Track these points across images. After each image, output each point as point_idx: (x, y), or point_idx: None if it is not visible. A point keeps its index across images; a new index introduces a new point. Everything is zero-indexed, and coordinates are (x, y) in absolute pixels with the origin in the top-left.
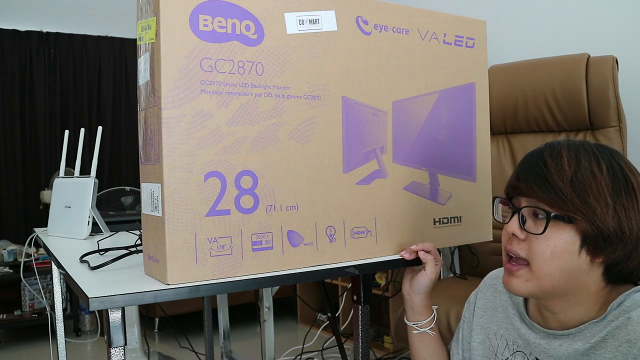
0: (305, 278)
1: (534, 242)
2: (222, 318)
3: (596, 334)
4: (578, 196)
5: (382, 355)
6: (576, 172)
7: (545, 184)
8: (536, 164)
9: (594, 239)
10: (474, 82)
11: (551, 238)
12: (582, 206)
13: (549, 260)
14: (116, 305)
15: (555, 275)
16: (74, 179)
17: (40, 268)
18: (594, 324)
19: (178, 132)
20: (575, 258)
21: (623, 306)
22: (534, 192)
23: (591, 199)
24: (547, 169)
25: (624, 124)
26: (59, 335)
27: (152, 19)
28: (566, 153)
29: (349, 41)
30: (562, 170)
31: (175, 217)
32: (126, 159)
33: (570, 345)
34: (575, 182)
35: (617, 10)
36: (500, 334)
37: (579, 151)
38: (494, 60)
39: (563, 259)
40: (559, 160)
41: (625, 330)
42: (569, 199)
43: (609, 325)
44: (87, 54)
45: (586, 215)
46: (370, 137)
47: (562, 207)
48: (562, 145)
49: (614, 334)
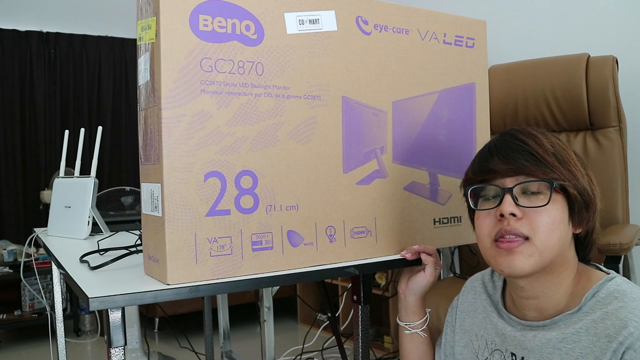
0: (305, 278)
1: (534, 216)
2: (222, 318)
3: (570, 326)
4: (562, 166)
5: (382, 355)
6: (553, 145)
7: (534, 159)
8: (516, 145)
9: (579, 205)
10: (474, 82)
11: (550, 209)
12: (568, 174)
13: (551, 232)
14: (116, 305)
15: (555, 246)
16: (74, 179)
17: (40, 268)
18: (569, 316)
19: (178, 132)
20: (566, 228)
21: (597, 297)
22: (525, 168)
23: (572, 167)
24: (529, 146)
25: (624, 124)
26: (59, 335)
27: (152, 19)
28: (535, 132)
29: (349, 41)
30: (543, 145)
31: (175, 217)
32: (126, 159)
33: (543, 336)
34: (556, 154)
35: (617, 10)
36: (481, 334)
37: (542, 131)
38: (494, 60)
39: (561, 229)
40: (535, 139)
41: (603, 324)
42: (557, 169)
43: (585, 318)
44: (87, 54)
45: (572, 182)
46: (370, 137)
47: (554, 177)
48: (522, 130)
49: (589, 328)
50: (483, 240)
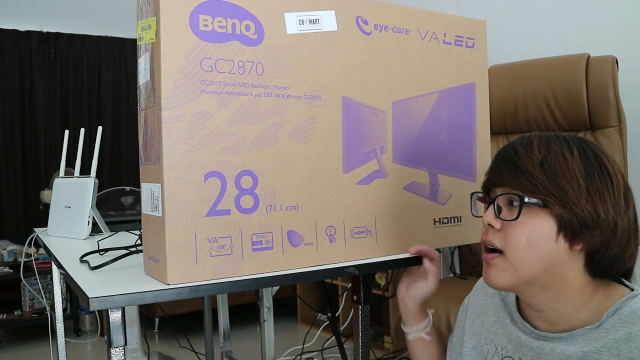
0: (305, 278)
1: (509, 229)
2: (222, 318)
3: (591, 343)
4: (549, 179)
5: (382, 355)
6: (546, 156)
7: (515, 170)
8: (508, 153)
9: (569, 223)
10: (474, 82)
11: (526, 224)
12: (553, 189)
13: (525, 248)
14: (116, 305)
15: (533, 264)
16: (74, 179)
17: (40, 268)
18: (589, 331)
19: (178, 132)
20: (552, 245)
21: (620, 314)
22: (506, 180)
23: (563, 181)
24: (517, 155)
25: (624, 124)
26: (59, 335)
27: (152, 19)
28: (537, 140)
29: (349, 41)
30: (532, 155)
31: (175, 217)
32: (126, 159)
33: (562, 351)
34: (545, 166)
35: (617, 10)
36: (490, 338)
37: (551, 138)
38: (494, 60)
39: (540, 246)
40: (529, 147)
41: (627, 346)
42: (539, 182)
43: (607, 337)
44: (87, 54)
45: (558, 198)
46: (370, 137)
47: (534, 191)
48: (534, 135)
49: (611, 348)
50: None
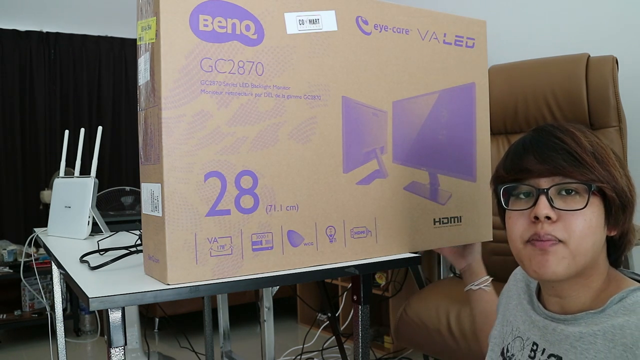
0: (305, 278)
1: (571, 219)
2: (222, 318)
3: (590, 326)
4: (601, 166)
5: (382, 355)
6: (592, 144)
7: (572, 159)
8: (552, 143)
9: (615, 208)
10: (474, 82)
11: (587, 213)
12: (606, 175)
13: (587, 236)
14: (116, 305)
15: (589, 251)
16: (74, 179)
17: (40, 268)
18: (592, 315)
19: (178, 132)
20: (602, 232)
21: (624, 303)
22: (563, 169)
23: (611, 168)
24: (567, 145)
25: (624, 124)
26: (59, 335)
27: (152, 19)
28: (573, 129)
29: (349, 41)
30: (582, 144)
31: (175, 217)
32: (126, 159)
33: (562, 331)
34: (595, 153)
35: (617, 10)
36: (510, 320)
37: (580, 128)
38: (494, 60)
39: (597, 234)
40: (573, 136)
41: (621, 332)
42: (596, 169)
43: (606, 322)
44: (87, 54)
45: (610, 183)
46: (370, 137)
47: (592, 179)
48: (561, 125)
49: (606, 332)
50: (515, 242)
